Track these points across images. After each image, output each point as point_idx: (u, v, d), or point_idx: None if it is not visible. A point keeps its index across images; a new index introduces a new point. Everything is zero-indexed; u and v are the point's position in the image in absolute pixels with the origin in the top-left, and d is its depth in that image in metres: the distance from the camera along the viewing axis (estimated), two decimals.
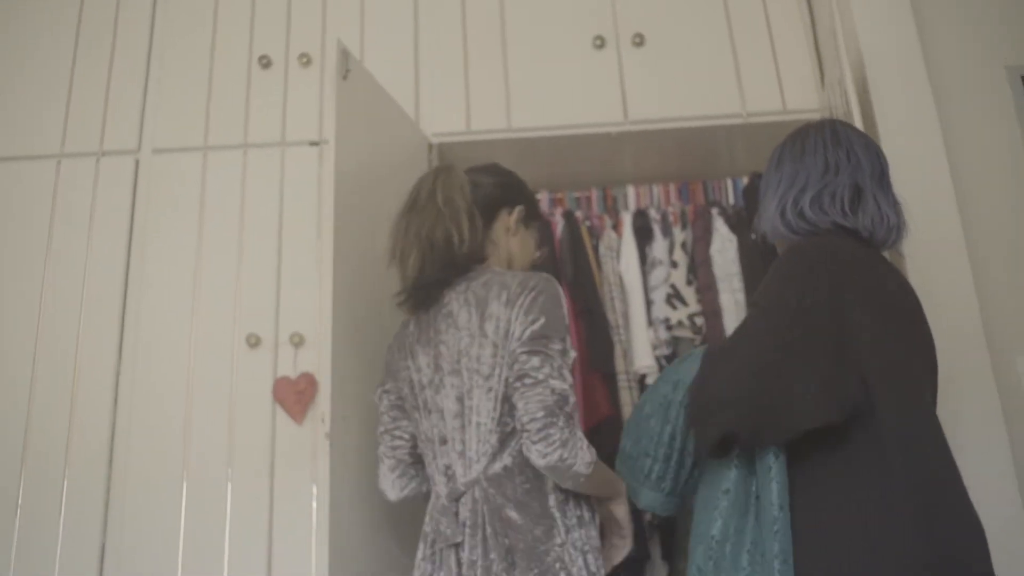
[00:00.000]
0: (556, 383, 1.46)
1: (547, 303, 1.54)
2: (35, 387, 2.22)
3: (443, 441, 1.58)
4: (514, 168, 2.57)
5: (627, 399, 2.42)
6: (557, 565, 1.43)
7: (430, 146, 2.43)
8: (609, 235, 2.62)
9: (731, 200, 2.67)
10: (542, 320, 1.51)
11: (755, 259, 2.44)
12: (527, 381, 1.47)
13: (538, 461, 1.44)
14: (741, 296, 2.44)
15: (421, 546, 1.60)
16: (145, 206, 2.38)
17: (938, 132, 2.13)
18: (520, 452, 1.51)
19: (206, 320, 2.26)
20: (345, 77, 1.96)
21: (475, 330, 1.56)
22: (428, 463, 1.63)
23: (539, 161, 2.60)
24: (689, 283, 2.51)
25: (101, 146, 2.44)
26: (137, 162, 2.42)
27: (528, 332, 1.51)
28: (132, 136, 2.44)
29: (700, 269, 2.50)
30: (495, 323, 1.54)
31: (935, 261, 2.03)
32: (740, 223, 2.52)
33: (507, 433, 1.53)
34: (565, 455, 1.43)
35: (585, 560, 1.47)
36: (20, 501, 2.13)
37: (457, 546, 1.51)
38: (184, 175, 2.40)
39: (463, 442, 1.55)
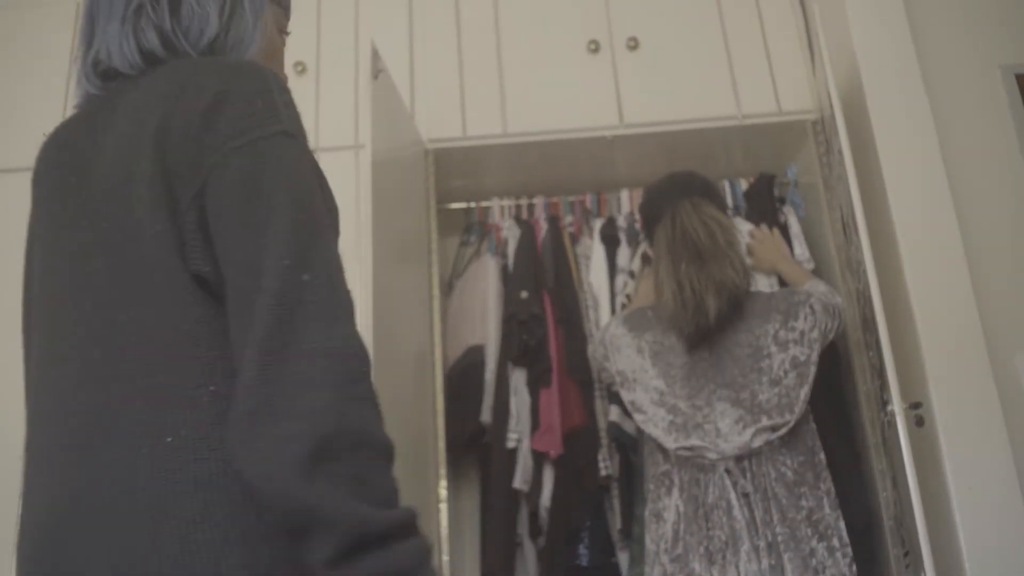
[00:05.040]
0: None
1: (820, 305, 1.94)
2: None
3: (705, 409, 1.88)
4: (509, 173, 2.64)
5: (600, 408, 2.40)
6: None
7: (426, 152, 2.43)
8: (586, 242, 2.61)
9: (730, 202, 2.64)
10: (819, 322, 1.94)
11: None
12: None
13: None
14: None
15: (688, 506, 1.82)
16: None
17: (933, 131, 2.13)
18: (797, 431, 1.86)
19: None
20: (376, 77, 1.97)
21: (765, 341, 1.88)
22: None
23: (534, 166, 2.59)
24: None
25: None
26: None
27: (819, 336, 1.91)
28: None
29: None
30: (787, 333, 1.89)
31: (933, 260, 2.03)
32: None
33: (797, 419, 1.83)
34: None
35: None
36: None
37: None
38: None
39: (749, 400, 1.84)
